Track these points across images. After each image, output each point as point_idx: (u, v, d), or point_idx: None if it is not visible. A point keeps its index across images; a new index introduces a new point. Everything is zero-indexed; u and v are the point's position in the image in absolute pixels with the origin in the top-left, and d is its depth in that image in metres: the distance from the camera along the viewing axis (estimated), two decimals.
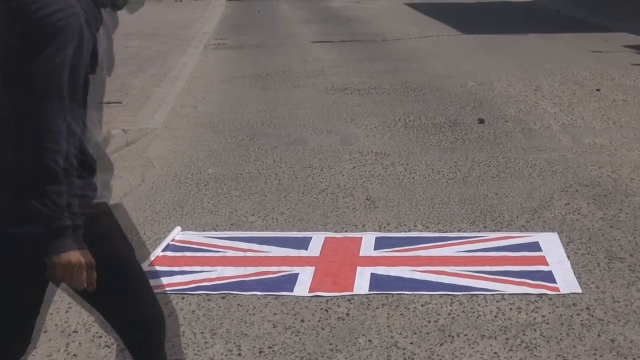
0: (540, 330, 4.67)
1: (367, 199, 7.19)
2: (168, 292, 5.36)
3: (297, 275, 5.59)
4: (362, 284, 5.41)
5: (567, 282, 5.34)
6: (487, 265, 5.69)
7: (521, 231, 6.28)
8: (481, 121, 10.03)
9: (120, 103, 11.53)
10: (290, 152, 8.96)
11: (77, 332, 4.85)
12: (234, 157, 8.80)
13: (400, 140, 9.34)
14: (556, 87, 12.19)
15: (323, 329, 4.79)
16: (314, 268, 5.70)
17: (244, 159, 8.73)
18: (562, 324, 4.72)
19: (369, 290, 5.31)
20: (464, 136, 9.40)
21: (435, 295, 5.19)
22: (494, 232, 6.28)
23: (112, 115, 10.57)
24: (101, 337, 4.77)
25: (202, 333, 4.78)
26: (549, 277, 5.44)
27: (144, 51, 17.28)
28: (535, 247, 5.93)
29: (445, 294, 5.19)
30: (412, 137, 9.43)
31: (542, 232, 6.21)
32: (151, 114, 10.91)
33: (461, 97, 11.68)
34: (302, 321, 4.90)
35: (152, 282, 5.38)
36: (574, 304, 4.97)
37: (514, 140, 9.15)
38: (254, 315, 5.01)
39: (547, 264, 5.63)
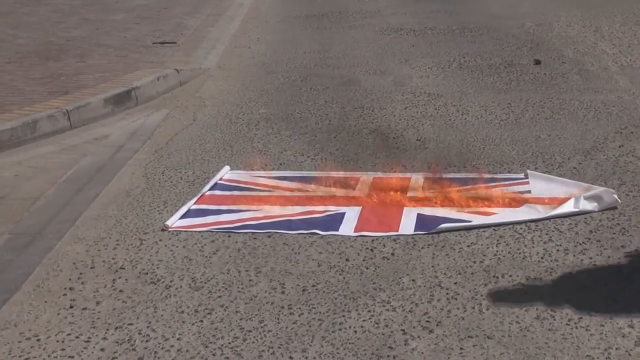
0: (587, 271, 4.61)
1: (417, 140, 7.13)
2: (214, 230, 5.39)
3: (343, 214, 5.58)
4: (408, 224, 5.38)
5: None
6: (536, 204, 5.62)
7: (572, 173, 6.17)
8: (537, 62, 9.87)
9: (175, 43, 11.55)
10: (342, 92, 8.92)
11: (123, 269, 4.90)
12: (286, 97, 8.78)
13: (453, 81, 9.23)
14: (616, 27, 11.93)
15: (367, 268, 4.78)
16: (360, 207, 5.68)
17: (296, 98, 8.71)
18: (610, 266, 4.66)
19: (415, 230, 5.28)
20: (518, 77, 9.27)
21: (481, 235, 5.14)
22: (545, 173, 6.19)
23: (167, 55, 10.60)
24: (147, 273, 4.81)
25: (247, 271, 4.80)
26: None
27: None
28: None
29: (492, 235, 5.14)
30: (466, 78, 9.32)
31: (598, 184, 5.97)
32: (205, 54, 10.92)
33: (518, 37, 11.50)
34: (347, 260, 4.89)
35: (199, 220, 5.49)
36: (622, 246, 4.89)
37: (569, 81, 8.99)
38: (298, 253, 5.01)
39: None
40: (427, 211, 5.58)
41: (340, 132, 7.44)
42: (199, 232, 5.39)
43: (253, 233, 5.33)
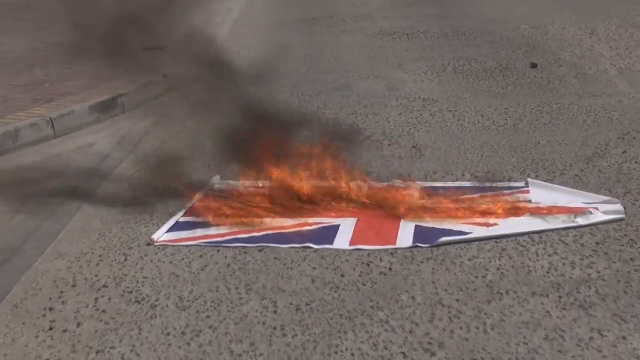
0: (596, 287, 4.36)
1: (413, 147, 6.90)
2: (203, 245, 5.14)
3: (337, 226, 5.33)
4: (405, 237, 5.13)
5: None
6: (538, 214, 5.39)
7: (575, 181, 5.94)
8: (534, 65, 9.65)
9: (164, 48, 11.28)
10: (334, 97, 8.69)
11: (106, 287, 4.65)
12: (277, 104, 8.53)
13: (449, 85, 9.01)
14: (613, 30, 11.71)
15: (364, 285, 4.53)
16: (355, 219, 5.44)
17: (287, 105, 8.46)
18: (619, 281, 4.41)
19: (413, 243, 5.04)
20: (515, 81, 9.04)
21: (483, 248, 4.90)
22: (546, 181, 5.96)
23: (155, 61, 10.33)
24: (131, 292, 4.56)
25: (237, 288, 4.55)
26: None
27: None
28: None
29: (494, 248, 4.89)
30: (462, 83, 9.10)
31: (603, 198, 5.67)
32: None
33: (513, 41, 11.27)
34: (342, 276, 4.65)
35: (187, 234, 5.24)
36: (631, 259, 4.65)
37: (568, 85, 8.77)
38: (291, 269, 4.77)
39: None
40: (425, 223, 5.34)
41: (333, 139, 7.19)
42: (187, 246, 5.15)
43: (243, 247, 5.08)
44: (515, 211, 5.45)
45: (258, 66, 9.78)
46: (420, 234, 5.15)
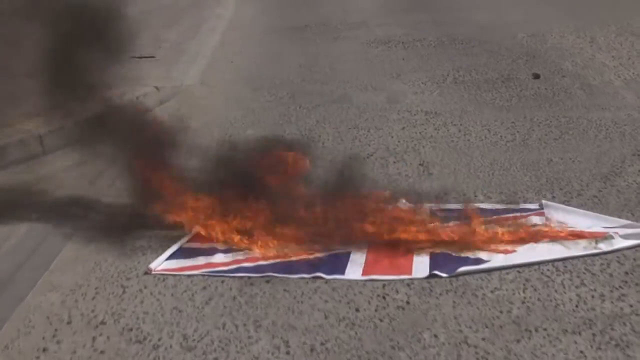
0: (630, 323, 4.07)
1: (420, 164, 6.60)
2: (205, 275, 4.83)
3: (348, 254, 5.03)
4: (421, 265, 4.83)
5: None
6: (556, 239, 5.10)
7: (593, 202, 5.65)
8: (536, 76, 9.37)
9: (154, 57, 10.98)
10: (333, 110, 8.39)
11: (104, 323, 4.34)
12: (274, 117, 8.24)
13: (450, 97, 8.71)
14: (612, 38, 11.42)
15: (381, 320, 4.23)
16: (366, 245, 5.12)
17: (285, 118, 8.17)
18: None
19: (430, 271, 4.74)
20: (519, 92, 8.74)
21: (505, 278, 4.61)
22: (563, 203, 5.67)
23: (145, 70, 10.00)
24: (131, 329, 4.26)
25: (245, 325, 4.25)
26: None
27: (178, 1, 16.70)
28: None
29: (517, 278, 4.60)
30: (464, 94, 8.80)
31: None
32: (186, 69, 10.37)
33: (512, 49, 10.97)
34: (357, 310, 4.35)
35: (188, 262, 4.92)
36: None
37: (573, 97, 8.47)
38: (302, 302, 4.47)
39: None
40: (440, 249, 5.03)
41: (335, 155, 6.89)
42: (188, 276, 4.83)
43: (249, 277, 4.77)
44: (532, 236, 5.16)
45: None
46: (436, 262, 4.87)
